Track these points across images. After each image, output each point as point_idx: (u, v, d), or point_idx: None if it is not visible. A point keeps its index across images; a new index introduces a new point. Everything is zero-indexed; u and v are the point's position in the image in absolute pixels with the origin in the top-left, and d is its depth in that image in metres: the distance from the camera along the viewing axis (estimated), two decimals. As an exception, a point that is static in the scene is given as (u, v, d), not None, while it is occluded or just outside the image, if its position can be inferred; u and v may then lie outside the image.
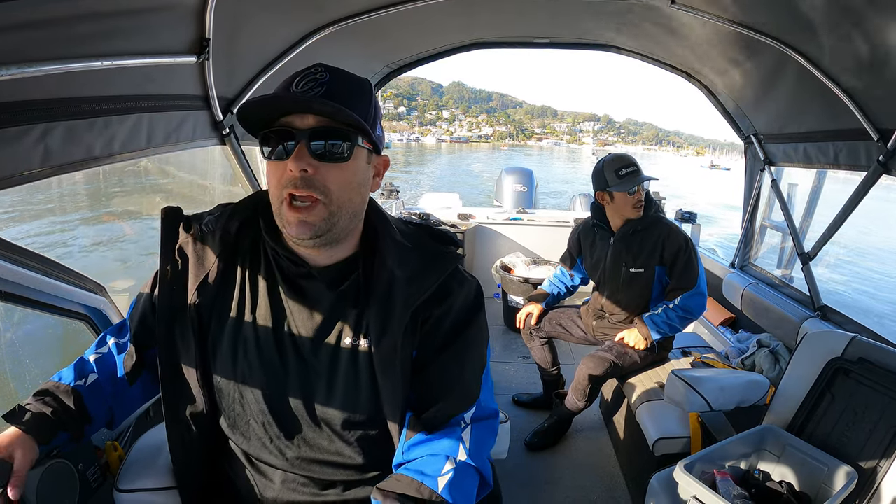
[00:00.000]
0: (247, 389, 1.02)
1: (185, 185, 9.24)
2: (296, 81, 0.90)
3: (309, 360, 1.01)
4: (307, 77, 0.90)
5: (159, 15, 1.34)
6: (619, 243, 2.54)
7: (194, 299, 1.01)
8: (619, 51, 3.18)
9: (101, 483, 1.21)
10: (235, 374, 1.02)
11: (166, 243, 1.04)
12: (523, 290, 4.08)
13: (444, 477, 0.91)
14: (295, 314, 1.01)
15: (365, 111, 0.93)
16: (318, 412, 1.01)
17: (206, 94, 1.77)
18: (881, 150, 1.89)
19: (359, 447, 1.03)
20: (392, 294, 0.98)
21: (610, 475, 2.51)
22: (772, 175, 3.02)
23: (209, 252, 1.02)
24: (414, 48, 3.25)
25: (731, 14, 1.99)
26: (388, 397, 0.99)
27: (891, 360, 1.55)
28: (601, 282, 2.67)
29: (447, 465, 0.93)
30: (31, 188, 9.39)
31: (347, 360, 1.00)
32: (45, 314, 1.49)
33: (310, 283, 1.01)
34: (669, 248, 2.44)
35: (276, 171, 0.90)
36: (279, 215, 0.92)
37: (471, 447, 0.98)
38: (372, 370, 0.99)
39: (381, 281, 0.99)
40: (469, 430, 1.00)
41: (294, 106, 0.88)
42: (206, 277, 1.02)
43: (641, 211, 2.47)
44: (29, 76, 0.99)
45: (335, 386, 1.00)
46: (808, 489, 1.50)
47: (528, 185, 5.79)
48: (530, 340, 2.94)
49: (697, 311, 2.42)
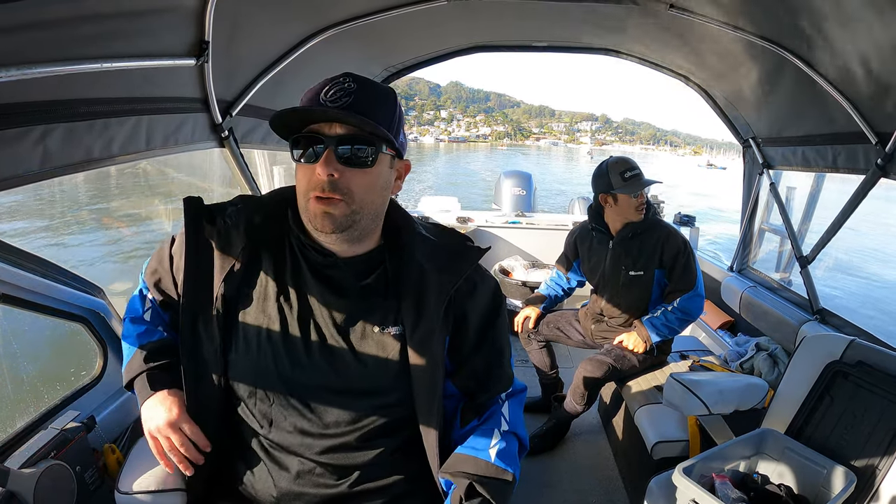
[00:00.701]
0: (273, 377, 1.03)
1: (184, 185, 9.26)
2: (325, 90, 0.95)
3: (336, 347, 1.04)
4: (335, 86, 0.96)
5: (159, 17, 1.34)
6: (619, 247, 2.54)
7: (220, 290, 1.03)
8: (618, 54, 3.18)
9: (99, 485, 1.21)
10: (261, 362, 1.03)
11: (192, 234, 1.05)
12: (522, 294, 4.08)
13: (493, 448, 1.07)
14: (322, 303, 1.04)
15: (389, 119, 0.99)
16: (345, 399, 1.04)
17: (206, 97, 1.77)
18: (879, 154, 1.90)
19: (383, 432, 1.07)
20: (425, 284, 1.06)
21: (608, 478, 2.50)
22: (770, 178, 3.03)
23: (235, 243, 1.05)
24: (413, 51, 3.26)
25: (728, 18, 2.00)
26: (421, 381, 1.06)
27: (889, 364, 1.55)
28: (600, 285, 2.67)
29: (494, 438, 1.09)
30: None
31: (376, 347, 1.05)
32: (44, 316, 1.49)
33: (336, 273, 1.05)
34: (668, 251, 2.45)
35: (305, 173, 0.97)
36: (305, 210, 0.99)
37: (510, 418, 1.15)
38: (402, 356, 1.05)
39: (410, 272, 1.07)
40: (507, 405, 1.17)
41: (324, 117, 0.94)
42: (232, 269, 1.04)
43: (643, 214, 2.48)
44: (28, 78, 0.99)
45: (363, 372, 1.04)
46: (808, 492, 1.50)
47: (527, 189, 5.78)
48: (528, 344, 2.94)
49: (696, 312, 2.42)
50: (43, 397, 1.69)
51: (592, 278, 2.75)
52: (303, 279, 1.05)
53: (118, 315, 1.74)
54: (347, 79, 0.97)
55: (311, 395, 1.04)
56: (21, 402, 2.21)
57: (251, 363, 1.03)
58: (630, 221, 2.50)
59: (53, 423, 1.40)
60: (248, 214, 1.07)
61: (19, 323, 2.25)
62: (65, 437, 1.35)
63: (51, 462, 1.07)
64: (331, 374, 1.03)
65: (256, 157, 3.13)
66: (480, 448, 1.07)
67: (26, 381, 2.34)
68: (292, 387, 1.03)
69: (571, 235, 2.89)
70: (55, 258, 1.55)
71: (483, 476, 1.03)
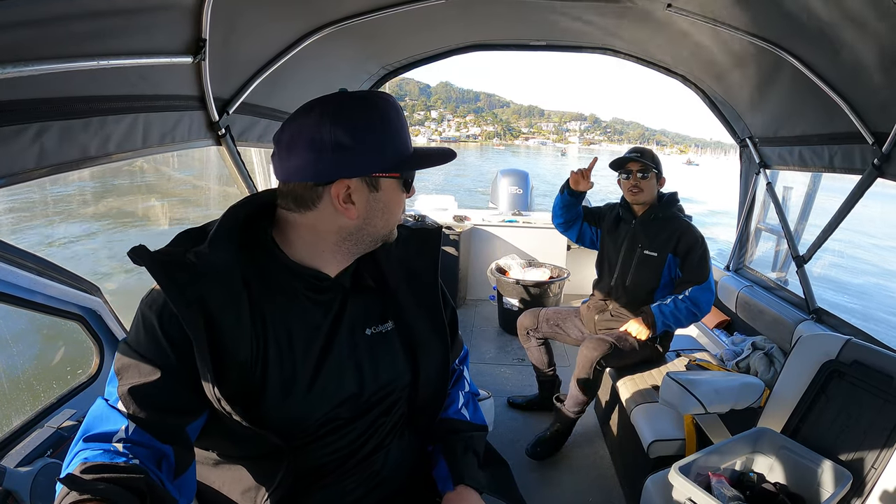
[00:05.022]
0: (302, 407, 0.95)
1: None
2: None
3: (349, 361, 1.02)
4: None
5: (156, 15, 1.34)
6: (639, 226, 2.63)
7: (241, 355, 0.88)
8: (616, 54, 3.19)
9: (94, 485, 1.21)
10: (286, 399, 0.93)
11: (177, 298, 0.83)
12: (518, 293, 4.08)
13: (464, 408, 1.22)
14: (327, 324, 1.00)
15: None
16: (366, 403, 1.04)
17: (203, 95, 1.76)
18: (876, 154, 1.90)
19: (392, 429, 1.11)
20: (410, 273, 1.11)
21: (605, 477, 2.51)
22: (767, 178, 3.04)
23: (228, 294, 0.88)
24: (411, 50, 3.25)
25: (726, 18, 2.00)
26: (430, 366, 1.12)
27: (885, 363, 1.56)
28: (616, 260, 2.70)
29: (463, 399, 1.23)
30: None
31: (382, 346, 1.07)
32: (40, 314, 1.49)
33: (332, 293, 1.02)
34: (685, 242, 2.50)
35: (400, 203, 0.99)
36: (393, 234, 1.02)
37: (469, 380, 1.31)
38: (406, 350, 1.10)
39: (391, 266, 1.09)
40: (464, 368, 1.31)
41: None
42: (239, 324, 0.88)
43: (637, 196, 2.58)
44: (24, 75, 0.99)
45: (379, 374, 1.05)
46: (803, 491, 1.50)
47: (524, 188, 5.78)
48: (527, 341, 2.94)
49: (705, 306, 2.44)
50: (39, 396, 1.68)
51: (607, 252, 2.78)
52: (300, 309, 0.97)
53: (114, 313, 1.73)
54: None
55: (336, 410, 0.99)
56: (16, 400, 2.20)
57: (284, 411, 0.93)
58: (653, 206, 2.61)
59: (49, 422, 1.40)
60: (224, 252, 0.89)
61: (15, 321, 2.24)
62: (61, 435, 1.35)
63: (47, 461, 1.07)
64: (353, 394, 1.01)
65: (253, 156, 3.13)
66: (459, 409, 1.21)
67: (22, 380, 2.33)
68: (319, 409, 0.97)
69: (606, 206, 2.93)
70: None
71: (465, 433, 1.17)
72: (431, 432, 1.19)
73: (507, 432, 2.84)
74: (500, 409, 3.08)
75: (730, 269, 3.53)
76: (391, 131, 0.91)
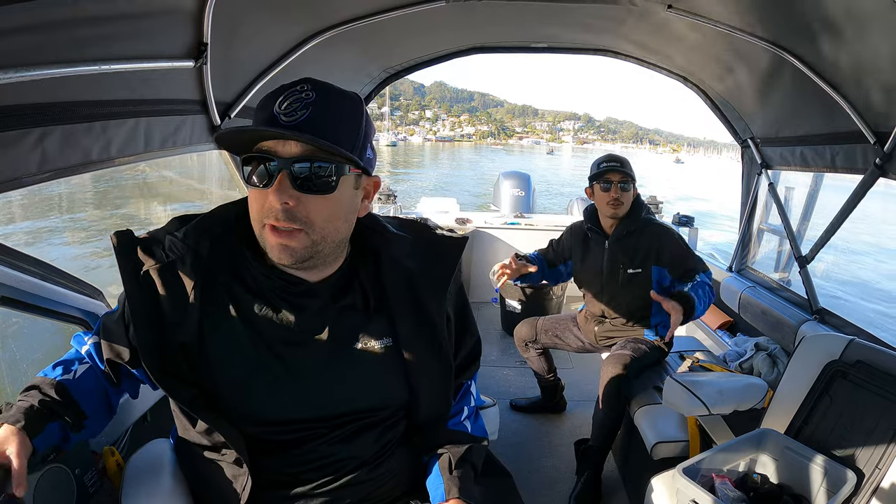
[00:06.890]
0: (265, 413, 0.95)
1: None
2: (280, 100, 0.84)
3: (327, 371, 0.98)
4: (292, 95, 0.85)
5: (157, 19, 1.34)
6: (615, 245, 2.52)
7: (182, 336, 0.92)
8: (616, 55, 3.19)
9: (98, 488, 1.21)
10: (249, 399, 0.94)
11: (130, 277, 0.91)
12: (520, 296, 4.08)
13: (467, 420, 1.19)
14: (303, 332, 0.97)
15: (353, 135, 0.89)
16: (341, 419, 0.99)
17: (204, 99, 1.77)
18: (878, 153, 1.90)
19: (387, 447, 1.06)
20: (417, 285, 1.03)
21: (608, 479, 2.50)
22: (769, 178, 3.03)
23: (183, 280, 0.92)
24: (412, 53, 3.26)
25: (726, 18, 2.00)
26: (429, 385, 1.06)
27: (889, 363, 1.55)
28: (600, 286, 2.63)
29: (466, 412, 1.20)
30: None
31: (372, 363, 1.01)
32: (43, 318, 1.49)
33: (312, 301, 0.98)
34: (666, 246, 2.42)
35: (257, 199, 0.87)
36: (261, 238, 0.90)
37: (476, 394, 1.28)
38: (401, 367, 1.03)
39: (397, 278, 1.03)
40: (471, 384, 1.25)
41: (276, 136, 0.84)
42: (186, 310, 0.92)
43: (618, 210, 2.45)
44: (26, 80, 0.99)
45: (363, 396, 1.01)
46: (807, 492, 1.49)
47: (526, 190, 5.78)
48: (526, 351, 2.92)
49: (711, 291, 2.29)
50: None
51: (588, 279, 2.68)
52: (274, 310, 0.96)
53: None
54: (306, 87, 0.86)
55: (306, 423, 0.97)
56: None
57: (240, 403, 0.94)
58: (619, 219, 2.49)
59: (52, 426, 1.39)
60: (194, 245, 0.94)
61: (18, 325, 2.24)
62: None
63: (50, 465, 1.06)
64: (329, 405, 0.98)
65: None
66: (458, 422, 1.17)
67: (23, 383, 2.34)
68: (286, 419, 0.96)
69: (569, 232, 2.80)
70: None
71: (463, 445, 1.12)
72: (429, 443, 1.14)
73: (510, 436, 2.84)
74: (504, 413, 3.07)
75: (732, 269, 3.51)
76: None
